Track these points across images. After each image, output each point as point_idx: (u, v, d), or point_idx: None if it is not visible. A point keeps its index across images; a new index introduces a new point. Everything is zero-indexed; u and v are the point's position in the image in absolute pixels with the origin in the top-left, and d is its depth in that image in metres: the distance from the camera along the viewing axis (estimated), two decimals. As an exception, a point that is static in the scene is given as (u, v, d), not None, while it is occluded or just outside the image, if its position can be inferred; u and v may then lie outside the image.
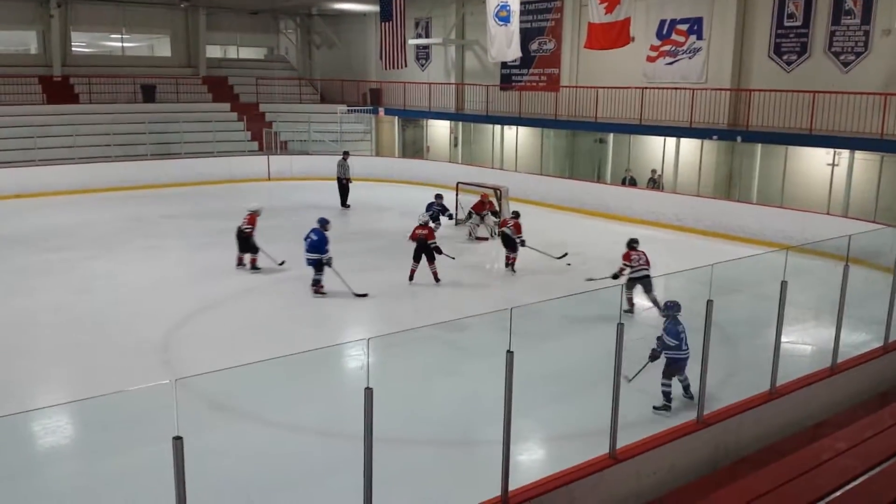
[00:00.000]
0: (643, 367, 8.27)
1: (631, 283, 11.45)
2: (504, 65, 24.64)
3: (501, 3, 21.03)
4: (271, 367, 8.32)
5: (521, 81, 25.12)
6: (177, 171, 24.26)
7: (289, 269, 14.26)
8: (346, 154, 21.69)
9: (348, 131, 28.97)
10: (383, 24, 24.97)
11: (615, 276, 11.67)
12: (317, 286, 12.79)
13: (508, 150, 25.90)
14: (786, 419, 7.74)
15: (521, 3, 20.33)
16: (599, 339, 7.73)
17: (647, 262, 11.68)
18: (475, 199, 17.88)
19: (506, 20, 20.90)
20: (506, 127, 25.72)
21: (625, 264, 11.67)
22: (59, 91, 26.67)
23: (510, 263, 14.47)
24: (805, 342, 10.83)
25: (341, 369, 9.68)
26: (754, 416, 7.43)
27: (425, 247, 13.53)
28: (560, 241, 16.19)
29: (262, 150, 26.98)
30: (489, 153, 26.51)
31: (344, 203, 20.89)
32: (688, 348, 8.07)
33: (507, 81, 25.58)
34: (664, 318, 8.32)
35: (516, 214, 14.93)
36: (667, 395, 8.22)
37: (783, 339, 7.78)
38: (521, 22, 20.95)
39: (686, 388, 8.31)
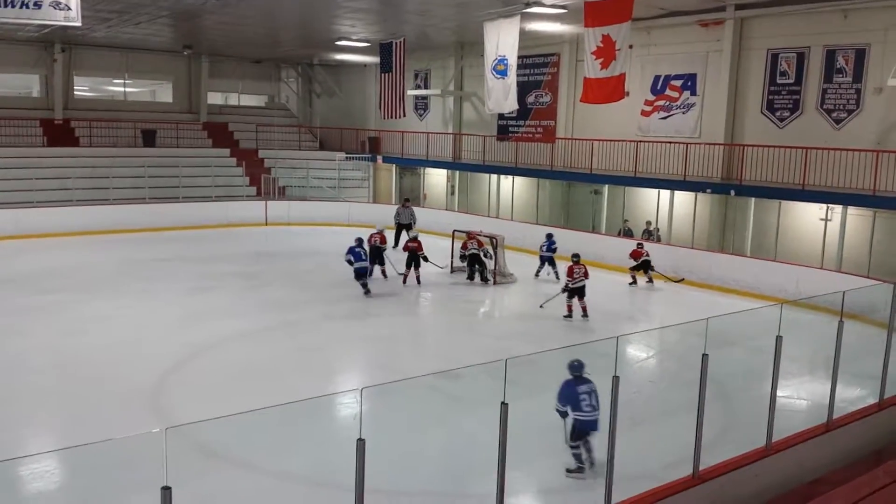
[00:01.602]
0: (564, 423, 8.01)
1: (571, 293, 14.29)
2: (501, 116, 25.01)
3: (499, 58, 21.41)
4: (263, 415, 8.28)
5: (517, 132, 25.47)
6: (175, 215, 24.35)
7: (285, 315, 14.22)
8: (406, 201, 23.20)
9: (346, 178, 29.21)
10: (383, 74, 25.39)
11: (564, 290, 14.37)
12: (366, 289, 15.69)
13: (504, 199, 26.10)
14: (782, 475, 7.66)
15: (519, 58, 20.71)
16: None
17: (586, 275, 14.38)
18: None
19: (503, 73, 21.24)
20: (502, 176, 25.96)
21: (568, 279, 14.34)
22: (59, 134, 26.95)
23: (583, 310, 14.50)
24: (800, 397, 10.78)
25: (333, 417, 9.60)
26: (750, 471, 7.35)
27: (415, 256, 16.86)
28: (555, 291, 16.20)
29: (260, 196, 27.14)
30: (485, 202, 26.71)
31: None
32: (593, 411, 7.76)
33: (503, 132, 25.92)
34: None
35: (577, 257, 15.13)
36: (577, 458, 7.96)
37: (778, 393, 7.75)
38: (518, 75, 21.32)
39: (588, 451, 7.94)
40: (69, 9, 13.86)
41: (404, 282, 16.92)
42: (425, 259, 17.08)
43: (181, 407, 9.77)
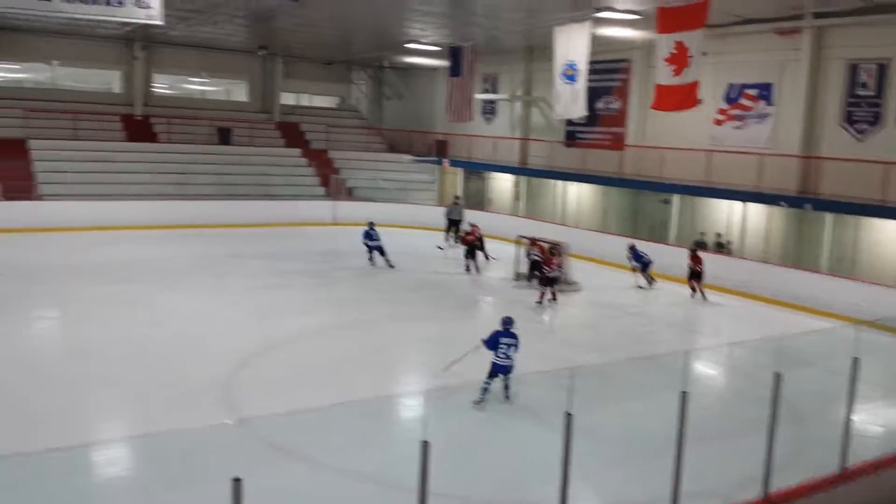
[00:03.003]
0: (466, 354, 9.90)
1: (545, 282, 15.86)
2: (569, 121, 24.80)
3: (569, 63, 21.27)
4: (329, 412, 8.43)
5: (585, 139, 25.24)
6: (247, 211, 24.94)
7: (352, 314, 14.44)
8: (456, 199, 24.11)
9: (413, 180, 29.43)
10: (452, 78, 25.53)
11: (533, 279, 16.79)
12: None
13: (570, 206, 25.89)
14: (855, 503, 7.42)
15: (589, 63, 20.52)
16: (661, 406, 7.60)
17: (561, 266, 16.24)
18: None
19: (573, 79, 21.09)
20: (568, 182, 25.76)
21: (546, 269, 15.88)
22: (139, 130, 27.91)
23: None
24: (877, 423, 10.40)
25: (397, 418, 9.71)
26: (823, 498, 7.14)
27: (472, 246, 19.01)
28: (622, 301, 16.05)
29: (328, 196, 27.59)
30: (551, 208, 26.54)
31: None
32: (508, 358, 9.61)
33: (571, 138, 25.73)
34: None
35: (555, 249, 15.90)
36: (483, 392, 9.59)
37: (854, 417, 7.51)
38: (588, 81, 21.13)
39: (505, 388, 9.81)
40: (151, 7, 14.27)
41: (467, 270, 18.83)
42: (481, 249, 19.20)
43: (250, 401, 10.03)
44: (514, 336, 9.80)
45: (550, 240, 18.84)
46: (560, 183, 26.10)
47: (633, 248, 18.54)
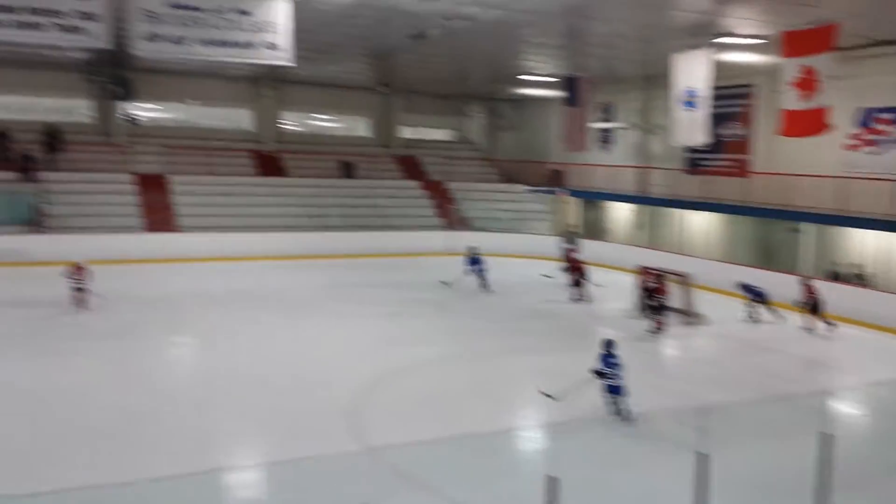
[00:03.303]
0: (578, 385, 10.17)
1: (658, 310, 15.95)
2: (690, 149, 24.24)
3: (689, 89, 20.84)
4: (455, 442, 8.56)
5: (708, 166, 24.57)
6: (367, 242, 25.79)
7: (471, 344, 14.60)
8: (572, 228, 23.87)
9: (528, 210, 29.50)
10: (567, 108, 25.52)
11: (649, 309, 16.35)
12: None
13: (692, 235, 25.18)
14: None
15: (710, 89, 20.03)
16: (797, 448, 7.24)
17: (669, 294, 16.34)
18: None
19: (693, 105, 20.63)
20: (690, 211, 25.09)
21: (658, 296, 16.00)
22: (268, 164, 29.42)
23: None
24: None
25: (518, 450, 9.72)
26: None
27: (577, 275, 19.20)
28: (749, 336, 15.42)
29: (445, 226, 28.07)
30: (672, 237, 25.91)
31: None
32: (619, 378, 10.24)
33: (693, 165, 25.12)
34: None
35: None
36: (615, 406, 10.30)
37: None
38: (709, 107, 20.61)
39: (622, 409, 10.28)
40: (282, 49, 15.09)
41: (576, 299, 18.91)
42: (582, 276, 19.21)
43: (373, 428, 10.25)
44: (616, 357, 10.50)
45: (673, 270, 18.38)
46: (682, 211, 25.46)
47: (743, 285, 17.75)
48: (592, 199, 29.09)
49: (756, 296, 17.43)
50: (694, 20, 17.05)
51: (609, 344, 10.69)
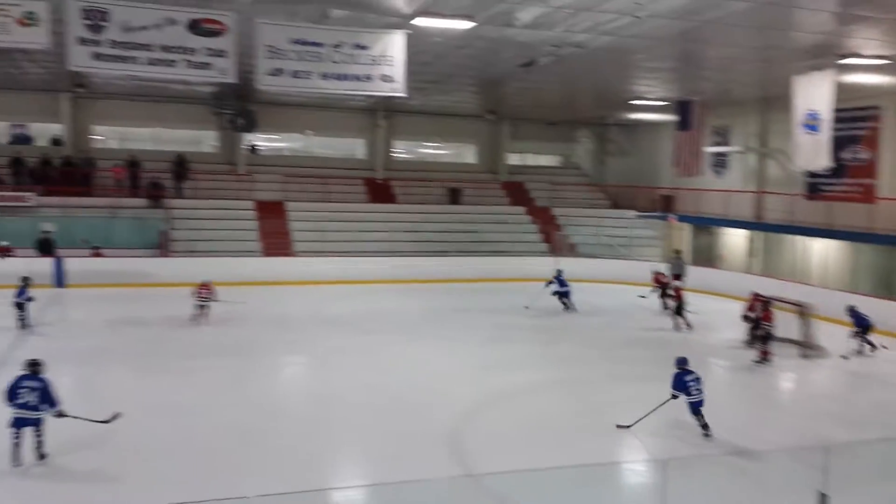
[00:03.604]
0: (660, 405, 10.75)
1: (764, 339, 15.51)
2: (810, 173, 23.21)
3: (810, 112, 20.01)
4: (561, 472, 8.50)
5: (829, 191, 23.43)
6: (474, 267, 26.00)
7: (573, 371, 14.47)
8: (678, 252, 24.10)
9: (637, 236, 28.97)
10: (680, 132, 25.00)
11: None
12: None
13: (812, 263, 23.99)
14: None
15: (833, 112, 19.15)
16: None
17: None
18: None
19: (815, 129, 19.78)
20: (811, 238, 23.95)
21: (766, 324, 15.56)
22: (380, 192, 30.28)
23: None
24: None
25: (623, 485, 9.52)
26: None
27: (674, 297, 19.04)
28: (875, 370, 14.54)
29: (551, 252, 27.95)
30: (790, 265, 24.79)
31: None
32: (700, 392, 10.71)
33: (813, 191, 24.01)
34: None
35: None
36: (704, 427, 10.68)
37: None
38: (832, 130, 19.72)
39: (703, 426, 10.75)
40: (396, 81, 15.62)
41: (679, 328, 18.53)
42: (681, 303, 18.76)
43: (476, 453, 10.30)
44: (693, 372, 10.88)
45: (792, 299, 17.59)
46: (801, 238, 24.34)
47: (852, 310, 16.75)
48: (704, 224, 28.26)
49: (861, 323, 16.39)
50: (816, 41, 16.43)
51: (683, 361, 11.05)
